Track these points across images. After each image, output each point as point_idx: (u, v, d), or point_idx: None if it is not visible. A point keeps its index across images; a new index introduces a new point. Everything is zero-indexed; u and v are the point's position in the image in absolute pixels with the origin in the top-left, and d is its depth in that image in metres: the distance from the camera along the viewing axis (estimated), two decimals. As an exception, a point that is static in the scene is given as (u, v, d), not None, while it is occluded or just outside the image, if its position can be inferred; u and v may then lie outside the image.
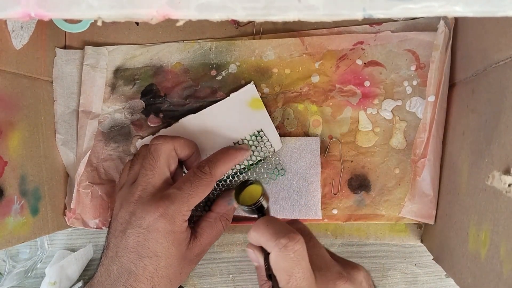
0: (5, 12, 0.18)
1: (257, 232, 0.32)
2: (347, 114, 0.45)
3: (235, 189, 0.36)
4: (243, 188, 0.36)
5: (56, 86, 0.47)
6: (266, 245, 0.31)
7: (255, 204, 0.35)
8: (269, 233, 0.31)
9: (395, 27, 0.44)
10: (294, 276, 0.30)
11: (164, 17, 0.18)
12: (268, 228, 0.31)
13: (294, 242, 0.30)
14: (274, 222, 0.32)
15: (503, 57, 0.30)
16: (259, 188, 0.35)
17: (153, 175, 0.38)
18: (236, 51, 0.46)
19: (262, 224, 0.32)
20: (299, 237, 0.31)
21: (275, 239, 0.30)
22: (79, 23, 0.47)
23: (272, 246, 0.30)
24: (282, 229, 0.31)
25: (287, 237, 0.30)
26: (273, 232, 0.31)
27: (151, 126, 0.47)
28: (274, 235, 0.31)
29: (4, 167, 0.38)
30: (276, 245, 0.30)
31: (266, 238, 0.31)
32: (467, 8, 0.17)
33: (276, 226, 0.32)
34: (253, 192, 0.36)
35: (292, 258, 0.30)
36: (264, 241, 0.31)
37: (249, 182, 0.36)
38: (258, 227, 0.32)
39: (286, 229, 0.31)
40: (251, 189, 0.36)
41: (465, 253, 0.33)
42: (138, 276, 0.36)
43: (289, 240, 0.30)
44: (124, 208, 0.38)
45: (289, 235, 0.30)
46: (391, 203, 0.44)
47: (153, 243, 0.36)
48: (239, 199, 0.35)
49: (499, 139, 0.29)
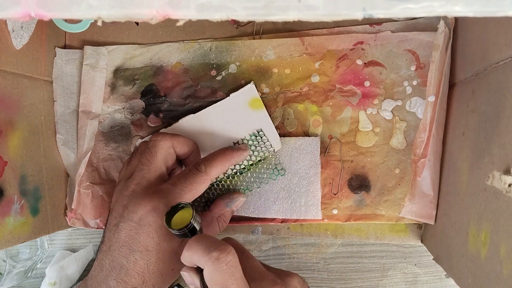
0: (5, 12, 0.18)
1: (189, 251, 0.32)
2: (347, 114, 0.45)
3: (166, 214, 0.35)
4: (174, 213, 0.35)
5: (56, 86, 0.47)
6: (199, 261, 0.31)
7: (186, 227, 0.34)
8: (201, 249, 0.31)
9: (395, 27, 0.44)
10: None
11: (164, 17, 0.18)
12: (199, 244, 0.31)
13: (225, 254, 0.30)
14: (204, 238, 0.32)
15: (503, 57, 0.30)
16: (190, 211, 0.35)
17: (149, 170, 0.39)
18: (236, 51, 0.46)
19: (193, 241, 0.32)
20: (229, 248, 0.30)
21: (207, 253, 0.30)
22: (79, 23, 0.47)
23: (205, 261, 0.30)
24: (213, 243, 0.31)
25: (218, 250, 0.30)
26: (205, 247, 0.31)
27: (151, 126, 0.47)
28: (206, 250, 0.30)
29: (4, 167, 0.38)
30: (209, 259, 0.30)
31: (198, 254, 0.31)
32: (467, 8, 0.17)
33: (207, 241, 0.31)
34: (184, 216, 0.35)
35: (225, 270, 0.30)
36: (197, 258, 0.31)
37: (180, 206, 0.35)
38: (190, 245, 0.32)
39: (218, 243, 0.31)
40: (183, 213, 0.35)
41: (465, 253, 0.33)
42: (129, 270, 0.36)
43: (221, 252, 0.30)
44: (118, 202, 0.38)
45: (220, 247, 0.30)
46: (391, 203, 0.44)
47: (144, 237, 0.36)
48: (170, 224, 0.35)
49: (499, 139, 0.29)
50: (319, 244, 0.48)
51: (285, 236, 0.47)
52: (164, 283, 0.39)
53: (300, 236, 0.47)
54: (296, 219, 0.45)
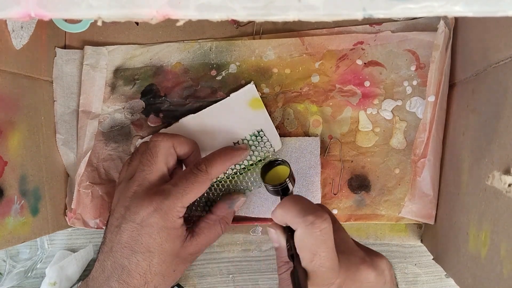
0: (5, 12, 0.18)
1: (283, 209, 0.31)
2: (347, 114, 0.45)
3: (262, 167, 0.35)
4: (271, 167, 0.35)
5: (56, 86, 0.47)
6: (292, 222, 0.31)
7: (281, 185, 0.34)
8: (296, 210, 0.30)
9: (395, 27, 0.44)
10: (318, 254, 0.29)
11: (164, 17, 0.18)
12: (295, 205, 0.31)
13: (321, 220, 0.29)
14: (301, 200, 0.32)
15: (503, 57, 0.30)
16: (287, 170, 0.35)
17: (150, 171, 0.39)
18: (236, 51, 0.46)
19: (289, 201, 0.31)
20: (326, 215, 0.30)
21: (302, 215, 0.30)
22: (79, 23, 0.47)
23: (299, 222, 0.30)
24: (309, 206, 0.31)
25: (315, 215, 0.30)
26: (300, 209, 0.30)
27: (151, 126, 0.47)
28: (302, 212, 0.30)
29: (4, 167, 0.38)
30: (303, 221, 0.29)
31: (292, 214, 0.30)
32: (467, 8, 0.17)
33: (303, 204, 0.31)
34: (280, 172, 0.35)
35: (318, 236, 0.29)
36: (290, 218, 0.31)
37: (276, 163, 0.35)
38: (285, 204, 0.31)
39: (314, 207, 0.31)
40: (278, 170, 0.35)
41: (465, 253, 0.33)
42: (131, 271, 0.36)
43: (317, 217, 0.29)
44: (120, 203, 0.38)
45: (317, 213, 0.30)
46: (391, 203, 0.44)
47: (147, 239, 0.36)
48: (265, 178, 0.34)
49: (499, 139, 0.29)
50: (319, 244, 0.48)
51: (285, 236, 0.47)
52: (166, 284, 0.39)
53: (300, 236, 0.47)
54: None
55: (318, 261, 0.29)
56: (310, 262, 0.30)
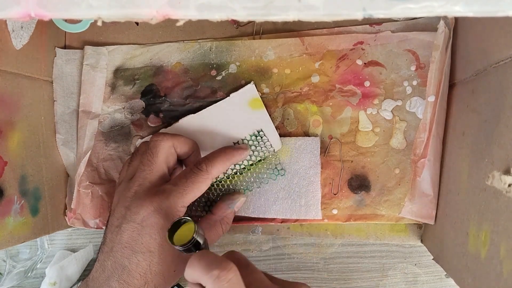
0: (5, 12, 0.18)
1: (191, 268, 0.31)
2: (347, 114, 0.45)
3: (168, 230, 0.34)
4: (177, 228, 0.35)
5: (56, 86, 0.47)
6: (201, 280, 0.31)
7: (189, 242, 0.33)
8: (202, 267, 0.30)
9: (395, 27, 0.44)
10: None
11: (164, 17, 0.18)
12: (200, 262, 0.31)
13: (226, 271, 0.30)
14: (206, 256, 0.32)
15: (503, 57, 0.30)
16: (192, 225, 0.34)
17: (150, 170, 0.39)
18: (236, 51, 0.46)
19: (195, 259, 0.31)
20: (230, 265, 0.30)
21: (208, 271, 0.30)
22: (79, 23, 0.47)
23: (206, 279, 0.30)
24: (214, 260, 0.31)
25: (219, 268, 0.30)
26: (205, 265, 0.30)
27: (151, 126, 0.47)
28: (206, 268, 0.30)
29: (4, 167, 0.38)
30: (210, 277, 0.30)
31: (199, 272, 0.31)
32: (467, 8, 0.17)
33: (208, 259, 0.31)
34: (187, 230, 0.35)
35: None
36: (198, 276, 0.31)
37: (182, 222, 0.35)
38: (191, 263, 0.31)
39: (218, 260, 0.31)
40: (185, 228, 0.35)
41: (465, 253, 0.33)
42: (132, 272, 0.36)
43: (221, 270, 0.30)
44: (120, 203, 0.38)
45: (221, 265, 0.30)
46: (391, 203, 0.44)
47: (147, 239, 0.36)
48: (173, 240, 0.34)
49: (499, 139, 0.29)
50: (319, 244, 0.48)
51: (285, 236, 0.47)
52: (166, 284, 0.39)
53: (300, 236, 0.47)
54: (296, 219, 0.45)
55: None
56: None
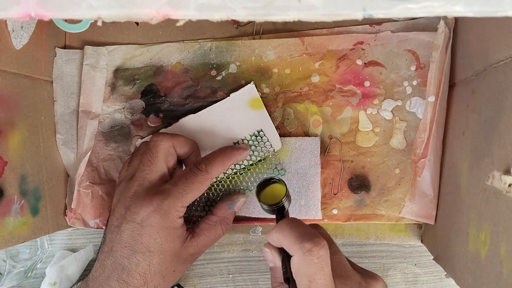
0: (5, 12, 0.18)
1: (280, 233, 0.31)
2: (347, 114, 0.45)
3: (258, 185, 0.35)
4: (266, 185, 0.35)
5: (56, 86, 0.47)
6: (289, 247, 0.30)
7: (277, 204, 0.33)
8: (293, 236, 0.30)
9: (395, 27, 0.44)
10: (315, 282, 0.29)
11: (164, 17, 0.18)
12: (292, 230, 0.31)
13: (319, 248, 0.29)
14: (298, 225, 0.31)
15: (503, 57, 0.30)
16: (283, 189, 0.34)
17: (150, 170, 0.39)
18: (236, 51, 0.46)
19: (286, 225, 0.31)
20: (324, 242, 0.30)
21: (299, 242, 0.30)
22: (79, 23, 0.47)
23: (296, 249, 0.30)
24: (306, 232, 0.30)
25: (312, 242, 0.29)
26: (297, 235, 0.30)
27: (151, 126, 0.47)
28: (299, 238, 0.30)
29: (4, 167, 0.38)
30: (300, 248, 0.29)
31: (289, 240, 0.30)
32: (467, 8, 0.17)
33: (300, 229, 0.31)
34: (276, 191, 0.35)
35: (316, 264, 0.29)
36: (287, 243, 0.31)
37: (272, 180, 0.35)
38: (282, 228, 0.31)
39: (311, 233, 0.30)
40: (274, 188, 0.35)
41: (465, 253, 0.33)
42: (131, 271, 0.36)
43: (314, 244, 0.29)
44: (120, 203, 0.38)
45: (314, 239, 0.30)
46: (391, 203, 0.44)
47: (147, 238, 0.36)
48: (260, 196, 0.34)
49: (499, 139, 0.29)
50: (319, 244, 0.48)
51: (285, 236, 0.47)
52: (166, 284, 0.39)
53: (300, 236, 0.47)
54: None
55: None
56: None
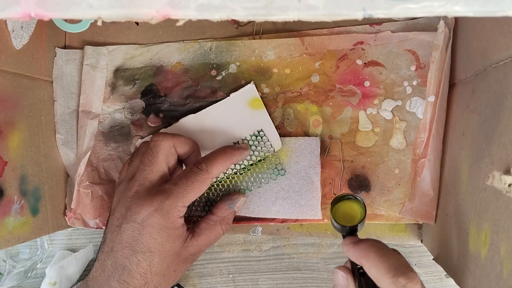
0: (5, 12, 0.18)
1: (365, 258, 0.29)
2: (347, 114, 0.45)
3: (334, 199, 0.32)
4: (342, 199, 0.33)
5: (56, 86, 0.47)
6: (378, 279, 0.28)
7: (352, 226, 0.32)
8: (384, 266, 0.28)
9: (395, 27, 0.44)
10: None
11: (164, 17, 0.18)
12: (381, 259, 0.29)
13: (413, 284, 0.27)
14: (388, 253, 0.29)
15: (503, 57, 0.30)
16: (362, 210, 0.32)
17: (151, 170, 0.39)
18: (236, 51, 0.46)
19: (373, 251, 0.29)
20: (417, 277, 0.28)
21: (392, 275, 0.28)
22: (79, 23, 0.47)
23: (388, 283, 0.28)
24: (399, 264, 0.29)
25: (406, 276, 0.28)
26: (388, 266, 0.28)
27: (151, 126, 0.47)
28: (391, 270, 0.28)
29: (4, 167, 0.38)
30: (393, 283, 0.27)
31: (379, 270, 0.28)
32: (467, 8, 0.17)
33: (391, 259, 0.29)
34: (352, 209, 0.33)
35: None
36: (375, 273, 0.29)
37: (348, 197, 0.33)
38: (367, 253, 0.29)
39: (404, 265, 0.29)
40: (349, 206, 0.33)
41: (465, 253, 0.33)
42: (132, 271, 0.36)
43: (409, 280, 0.27)
44: (121, 203, 0.38)
45: (408, 274, 0.28)
46: (391, 203, 0.44)
47: (147, 238, 0.36)
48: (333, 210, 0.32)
49: (499, 139, 0.29)
50: (319, 244, 0.48)
51: (285, 236, 0.47)
52: (166, 284, 0.39)
53: (300, 236, 0.47)
54: (296, 219, 0.45)
55: None
56: None
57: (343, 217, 0.33)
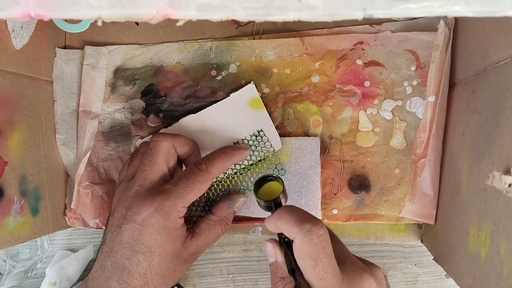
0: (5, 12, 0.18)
1: (279, 219, 0.32)
2: (347, 114, 0.45)
3: (255, 182, 0.36)
4: (264, 182, 0.36)
5: (56, 86, 0.47)
6: (289, 232, 0.31)
7: (274, 200, 0.34)
8: (292, 220, 0.31)
9: (395, 27, 0.44)
10: (320, 261, 0.29)
11: (164, 17, 0.18)
12: (290, 214, 0.31)
13: (318, 227, 0.30)
14: (296, 210, 0.32)
15: (503, 57, 0.30)
16: (280, 186, 0.35)
17: (151, 171, 0.39)
18: (236, 51, 0.46)
19: (284, 211, 0.32)
20: (321, 222, 0.30)
21: (299, 224, 0.30)
22: (79, 23, 0.47)
23: (296, 232, 0.30)
24: (305, 215, 0.31)
25: (311, 222, 0.30)
26: (297, 218, 0.31)
27: (151, 126, 0.47)
28: (298, 221, 0.30)
29: (4, 167, 0.38)
30: (300, 230, 0.30)
31: (289, 224, 0.31)
32: (467, 8, 0.17)
33: (298, 213, 0.32)
34: (273, 188, 0.36)
35: (317, 243, 0.29)
36: (287, 228, 0.31)
37: (269, 178, 0.36)
38: (280, 214, 0.32)
39: (309, 215, 0.31)
40: (272, 185, 0.36)
41: (465, 253, 0.33)
42: (132, 272, 0.36)
43: (313, 225, 0.30)
44: (121, 203, 0.38)
45: (312, 220, 0.30)
46: (391, 203, 0.44)
47: (147, 239, 0.36)
48: (258, 193, 0.35)
49: (499, 139, 0.29)
50: (319, 244, 0.48)
51: (285, 236, 0.47)
52: (166, 285, 0.39)
53: (300, 236, 0.47)
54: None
55: (321, 268, 0.29)
56: (313, 270, 0.29)
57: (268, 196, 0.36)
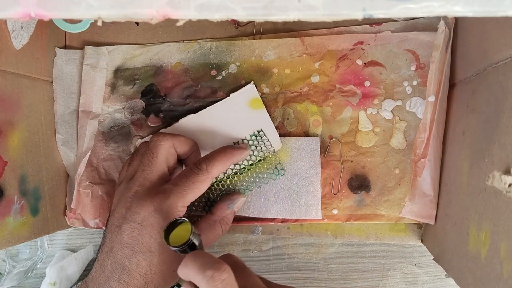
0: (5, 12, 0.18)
1: (185, 267, 0.32)
2: (347, 114, 0.45)
3: (164, 230, 0.34)
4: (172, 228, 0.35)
5: (56, 86, 0.47)
6: (195, 279, 0.31)
7: (185, 243, 0.33)
8: (196, 267, 0.31)
9: (395, 27, 0.44)
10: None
11: (164, 17, 0.18)
12: (195, 261, 0.31)
13: (220, 272, 0.30)
14: (201, 256, 0.32)
15: (503, 57, 0.30)
16: (188, 226, 0.34)
17: (151, 171, 0.39)
18: (236, 51, 0.46)
19: (189, 259, 0.32)
20: (224, 266, 0.30)
21: (202, 271, 0.30)
22: (79, 23, 0.47)
23: (200, 279, 0.30)
24: (208, 261, 0.31)
25: (213, 268, 0.30)
26: (200, 264, 0.31)
27: (151, 126, 0.47)
28: (201, 268, 0.30)
29: (4, 167, 0.38)
30: (203, 277, 0.30)
31: (193, 272, 0.31)
32: (467, 8, 0.17)
33: (202, 259, 0.31)
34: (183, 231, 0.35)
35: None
36: (192, 275, 0.31)
37: (178, 222, 0.35)
38: (186, 262, 0.32)
39: (212, 260, 0.31)
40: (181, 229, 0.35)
41: (465, 253, 0.33)
42: (132, 272, 0.36)
43: (215, 270, 0.30)
44: (121, 203, 0.38)
45: (215, 265, 0.30)
46: (391, 203, 0.44)
47: (147, 238, 0.36)
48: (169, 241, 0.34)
49: (499, 139, 0.29)
50: (319, 244, 0.48)
51: (285, 236, 0.47)
52: (166, 284, 0.39)
53: (300, 236, 0.47)
54: (296, 219, 0.45)
55: None
56: None
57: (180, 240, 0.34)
